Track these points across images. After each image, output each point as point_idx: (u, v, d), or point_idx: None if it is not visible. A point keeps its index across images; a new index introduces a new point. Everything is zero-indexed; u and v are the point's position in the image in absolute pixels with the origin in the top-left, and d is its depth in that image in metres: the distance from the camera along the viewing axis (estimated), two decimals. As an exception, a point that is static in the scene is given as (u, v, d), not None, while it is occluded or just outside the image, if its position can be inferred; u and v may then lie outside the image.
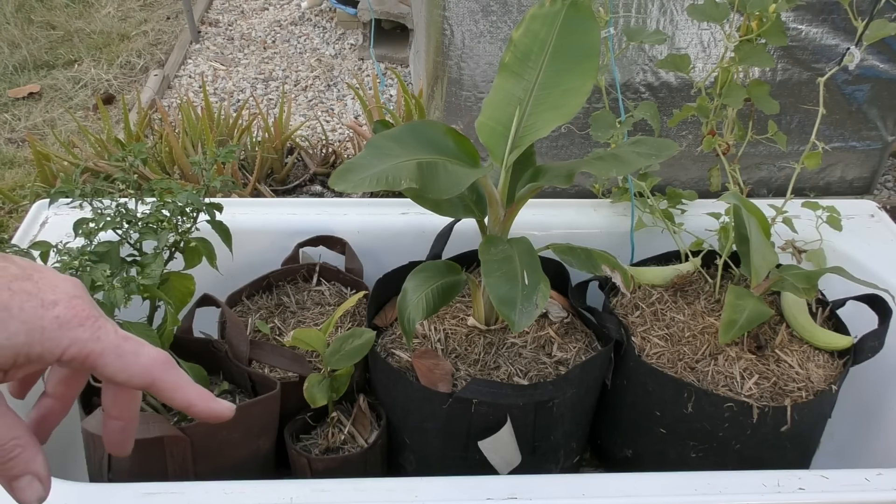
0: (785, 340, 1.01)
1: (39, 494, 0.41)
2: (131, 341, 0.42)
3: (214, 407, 0.44)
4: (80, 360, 0.40)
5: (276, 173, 1.86)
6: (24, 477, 0.41)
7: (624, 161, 0.87)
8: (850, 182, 1.63)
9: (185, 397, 0.43)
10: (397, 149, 0.81)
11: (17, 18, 2.85)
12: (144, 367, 0.42)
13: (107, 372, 0.41)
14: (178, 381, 0.43)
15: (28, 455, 0.41)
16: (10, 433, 0.41)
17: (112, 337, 0.41)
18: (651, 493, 0.81)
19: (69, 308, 0.40)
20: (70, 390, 0.46)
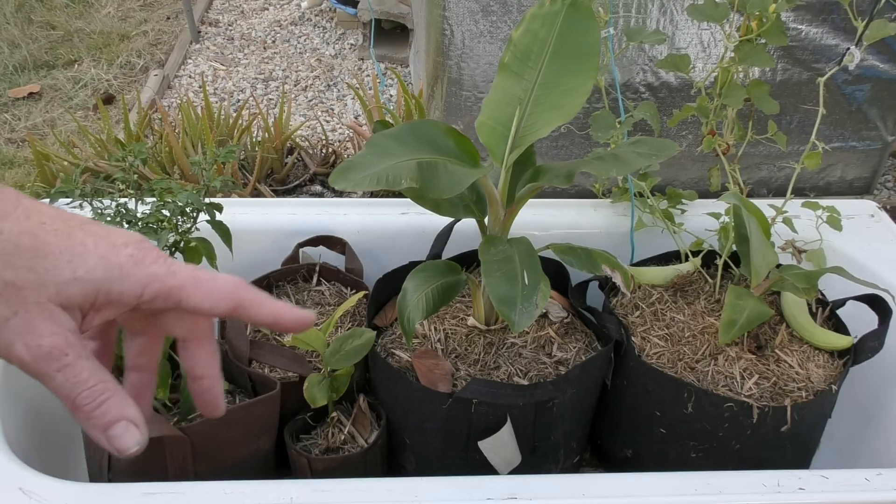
0: (785, 340, 1.01)
1: (137, 439, 0.40)
2: (204, 271, 0.41)
3: (300, 314, 0.43)
4: (163, 295, 0.40)
5: (276, 173, 1.86)
6: (118, 423, 0.39)
7: (624, 161, 0.87)
8: (850, 182, 1.63)
9: (271, 311, 0.42)
10: (397, 148, 0.81)
11: (17, 18, 2.85)
12: (227, 290, 0.41)
13: (191, 302, 0.40)
14: (259, 297, 0.42)
15: (119, 399, 0.39)
16: (98, 376, 0.39)
17: (186, 270, 0.41)
18: (651, 493, 0.81)
19: (140, 249, 0.40)
20: (151, 357, 0.45)
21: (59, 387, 0.38)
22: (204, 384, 0.45)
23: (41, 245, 0.37)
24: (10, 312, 0.37)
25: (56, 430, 1.04)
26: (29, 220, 0.38)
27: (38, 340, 0.37)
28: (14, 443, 0.88)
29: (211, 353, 0.44)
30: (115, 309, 0.40)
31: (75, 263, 0.38)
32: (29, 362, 0.37)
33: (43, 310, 0.37)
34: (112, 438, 0.39)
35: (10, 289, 0.37)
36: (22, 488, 0.79)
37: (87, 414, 0.39)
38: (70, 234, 0.38)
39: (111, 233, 0.40)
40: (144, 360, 0.45)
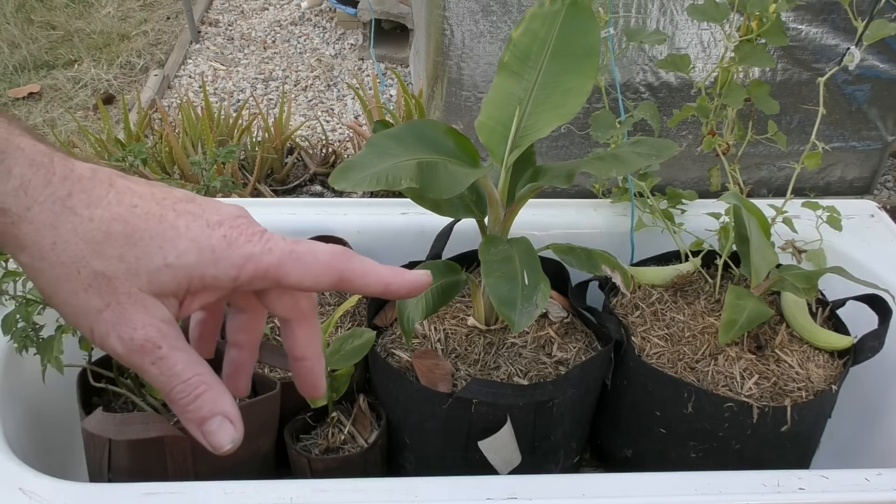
0: (785, 340, 1.01)
1: (232, 436, 0.38)
2: (302, 243, 0.39)
3: (411, 278, 0.40)
4: (260, 276, 0.38)
5: (276, 173, 1.86)
6: (213, 418, 0.38)
7: (624, 161, 0.87)
8: (850, 182, 1.63)
9: (380, 279, 0.40)
10: (397, 148, 0.81)
11: (17, 18, 2.85)
12: (327, 263, 0.39)
13: (291, 280, 0.38)
14: (364, 266, 0.40)
15: (214, 393, 0.38)
16: (193, 368, 0.37)
17: (283, 244, 0.38)
18: (651, 493, 0.81)
19: (234, 227, 0.38)
20: (252, 335, 0.44)
21: (153, 379, 0.37)
22: (305, 365, 0.43)
23: (131, 231, 0.36)
24: (103, 304, 0.36)
25: (56, 430, 1.04)
26: (120, 205, 0.36)
27: (132, 333, 0.36)
28: (14, 443, 0.88)
29: (313, 333, 0.43)
30: (213, 293, 0.38)
31: (166, 249, 0.36)
32: (123, 355, 0.36)
33: (135, 300, 0.36)
34: (207, 434, 0.38)
35: (100, 279, 0.35)
36: (22, 488, 0.79)
37: (183, 408, 0.37)
38: (162, 216, 0.37)
39: (207, 210, 0.38)
40: (244, 337, 0.43)
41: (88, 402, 0.98)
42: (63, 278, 0.36)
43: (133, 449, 0.91)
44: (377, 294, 0.40)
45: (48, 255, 0.35)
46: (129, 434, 0.90)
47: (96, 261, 0.35)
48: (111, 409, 0.99)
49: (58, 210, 0.35)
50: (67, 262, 0.35)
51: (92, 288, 0.36)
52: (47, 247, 0.35)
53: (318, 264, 0.38)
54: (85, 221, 0.35)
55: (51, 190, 0.35)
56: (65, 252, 0.35)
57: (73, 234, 0.35)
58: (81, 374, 0.98)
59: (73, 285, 0.36)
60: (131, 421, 0.91)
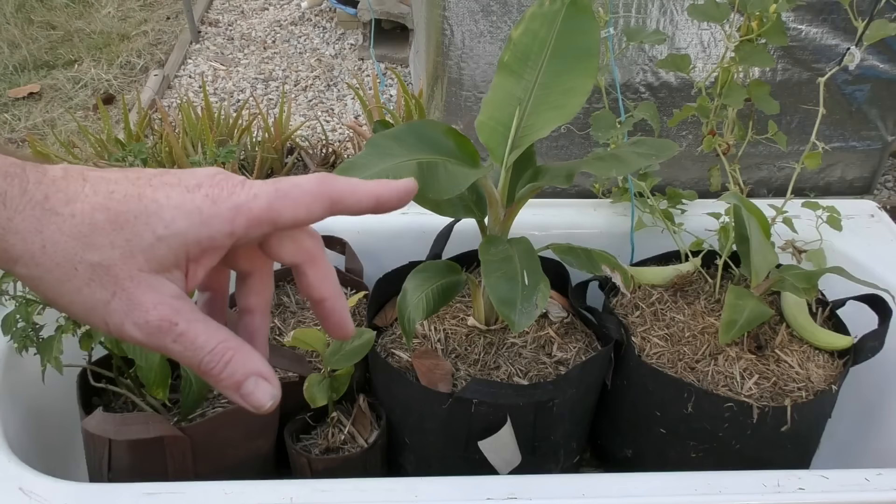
0: (785, 340, 1.01)
1: (271, 392, 0.38)
2: (284, 181, 0.38)
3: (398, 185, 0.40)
4: (254, 223, 0.37)
5: (276, 173, 1.86)
6: (248, 380, 0.37)
7: (624, 161, 0.87)
8: (850, 182, 1.63)
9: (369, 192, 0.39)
10: (398, 148, 0.81)
11: (17, 18, 2.85)
12: (314, 191, 0.38)
13: (286, 217, 0.38)
14: (350, 183, 0.39)
15: (243, 356, 0.38)
16: (216, 336, 0.37)
17: (266, 187, 0.38)
18: (651, 493, 0.81)
19: (213, 185, 0.37)
20: (262, 297, 0.43)
21: (179, 357, 0.37)
22: (327, 306, 0.42)
23: (115, 217, 0.36)
24: (109, 294, 0.36)
25: (56, 430, 1.04)
26: (97, 195, 0.36)
27: (145, 316, 0.36)
28: (14, 443, 0.88)
29: (325, 272, 0.42)
30: (215, 254, 0.38)
31: (153, 224, 0.36)
32: (142, 339, 0.36)
33: (139, 283, 0.36)
34: (246, 396, 0.38)
35: (99, 270, 0.35)
36: (22, 488, 0.79)
37: (216, 377, 0.37)
38: (140, 194, 0.36)
39: (183, 178, 0.38)
40: (255, 300, 0.43)
41: (88, 402, 0.98)
42: (63, 279, 0.36)
43: (133, 449, 0.91)
44: (369, 209, 0.40)
45: (41, 261, 0.35)
46: (129, 434, 0.90)
47: (89, 253, 0.35)
48: (111, 409, 0.99)
49: (39, 214, 0.35)
50: (62, 263, 0.35)
51: (94, 281, 0.35)
52: (38, 252, 0.35)
53: (305, 196, 0.38)
54: (67, 218, 0.35)
55: (28, 197, 0.35)
56: (56, 253, 0.35)
57: (60, 233, 0.35)
58: (81, 374, 0.98)
59: (75, 283, 0.36)
60: (131, 421, 0.91)
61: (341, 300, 0.43)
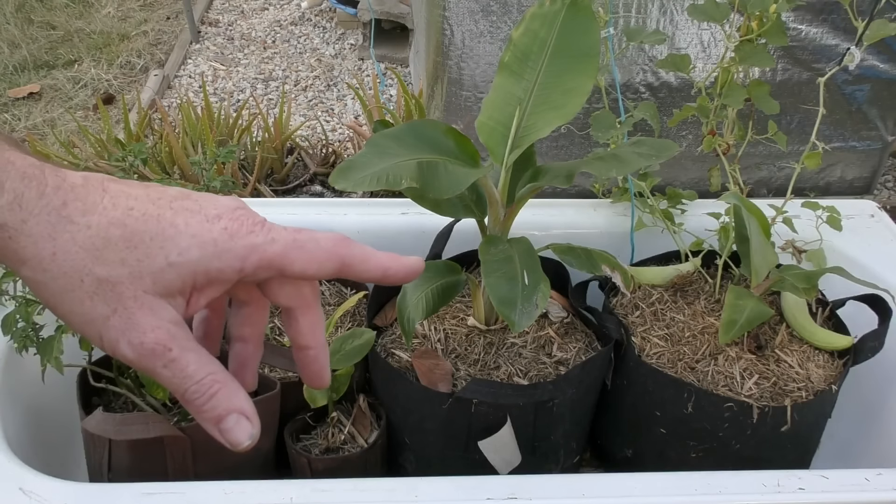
0: (785, 340, 1.01)
1: (250, 432, 0.38)
2: (304, 232, 0.39)
3: (407, 263, 0.42)
4: (265, 266, 0.38)
5: (276, 173, 1.86)
6: (230, 416, 0.37)
7: (624, 161, 0.87)
8: (850, 182, 1.63)
9: (379, 264, 0.41)
10: (398, 148, 0.81)
11: (17, 18, 2.85)
12: (329, 250, 0.40)
13: (296, 268, 0.38)
14: (364, 252, 0.41)
15: (228, 391, 0.38)
16: (206, 368, 0.37)
17: (285, 234, 0.39)
18: (651, 493, 0.81)
19: (234, 219, 0.38)
20: (256, 328, 0.44)
21: (166, 382, 0.37)
22: (310, 354, 0.43)
23: (130, 234, 0.36)
24: (110, 310, 0.36)
25: (56, 430, 1.04)
26: (116, 209, 0.36)
27: (141, 337, 0.36)
28: (14, 443, 0.88)
29: (316, 321, 0.43)
30: (219, 287, 0.38)
31: (167, 248, 0.36)
32: (134, 360, 0.36)
33: (142, 304, 0.36)
34: (224, 432, 0.38)
35: (104, 286, 0.35)
36: (22, 488, 0.79)
37: (199, 408, 0.37)
38: (159, 216, 0.36)
39: (204, 206, 0.38)
40: (249, 330, 0.43)
41: (88, 402, 0.98)
42: (67, 288, 0.35)
43: (133, 449, 0.91)
44: (376, 279, 0.41)
45: (49, 267, 0.35)
46: (129, 434, 0.90)
47: (98, 267, 0.35)
48: (111, 409, 0.99)
49: (54, 220, 0.35)
50: (69, 272, 0.35)
51: (97, 295, 0.35)
52: (47, 258, 0.35)
53: (320, 252, 0.39)
54: (83, 229, 0.35)
55: (45, 201, 0.35)
56: (66, 262, 0.35)
57: (72, 243, 0.35)
58: (81, 374, 0.98)
59: (78, 294, 0.35)
60: (131, 421, 0.91)
61: (325, 352, 0.44)
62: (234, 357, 0.44)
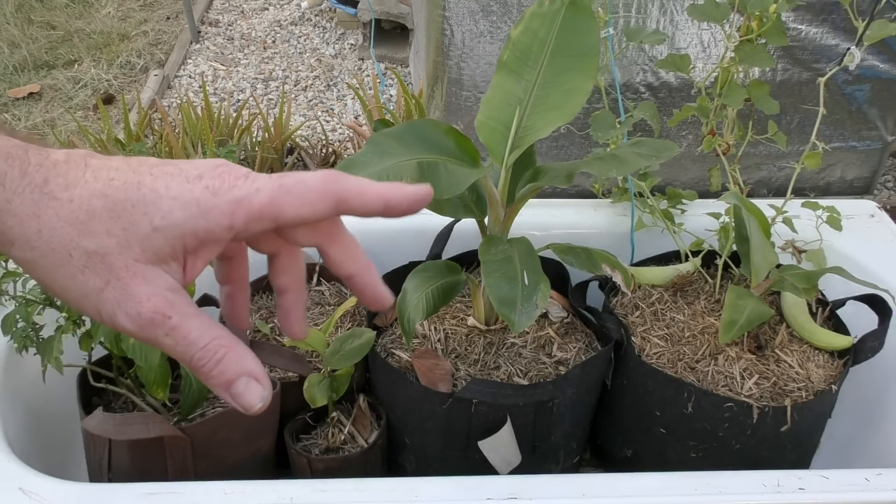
0: (785, 340, 1.01)
1: (261, 394, 0.37)
2: (290, 175, 0.37)
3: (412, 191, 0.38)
4: (255, 217, 0.36)
5: (276, 173, 1.86)
6: (239, 380, 0.37)
7: (624, 161, 0.87)
8: (850, 182, 1.63)
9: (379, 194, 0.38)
10: (398, 147, 0.81)
11: (17, 18, 2.85)
12: (320, 189, 0.37)
13: (288, 214, 0.36)
14: (360, 183, 0.37)
15: (236, 354, 0.37)
16: (209, 333, 0.36)
17: (270, 181, 0.36)
18: (651, 493, 0.81)
19: (215, 177, 0.36)
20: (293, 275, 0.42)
21: (170, 350, 0.36)
22: (357, 281, 0.42)
23: (113, 204, 0.35)
24: (103, 282, 0.35)
25: (56, 430, 1.04)
26: (97, 181, 0.35)
27: (137, 307, 0.35)
28: (14, 443, 0.88)
29: (347, 248, 0.40)
30: (215, 246, 0.37)
31: (150, 213, 0.35)
32: (134, 331, 0.35)
33: (134, 273, 0.35)
34: (235, 396, 0.37)
35: (94, 258, 0.35)
36: (22, 488, 0.79)
37: (207, 374, 0.36)
38: (140, 182, 0.36)
39: (185, 168, 0.37)
40: (286, 278, 0.42)
41: (88, 402, 0.98)
42: (57, 264, 0.35)
43: (133, 449, 0.91)
44: (377, 212, 0.38)
45: (37, 245, 0.35)
46: (129, 434, 0.90)
47: (85, 240, 0.35)
48: (111, 409, 0.99)
49: (37, 197, 0.35)
50: (57, 248, 0.35)
51: (88, 269, 0.35)
52: (34, 236, 0.35)
53: (310, 192, 0.37)
54: (65, 204, 0.35)
55: (28, 179, 0.35)
56: (52, 238, 0.35)
57: (57, 218, 0.35)
58: (81, 374, 0.98)
59: (69, 269, 0.35)
60: (131, 421, 0.91)
61: (370, 272, 0.42)
62: (280, 308, 0.42)
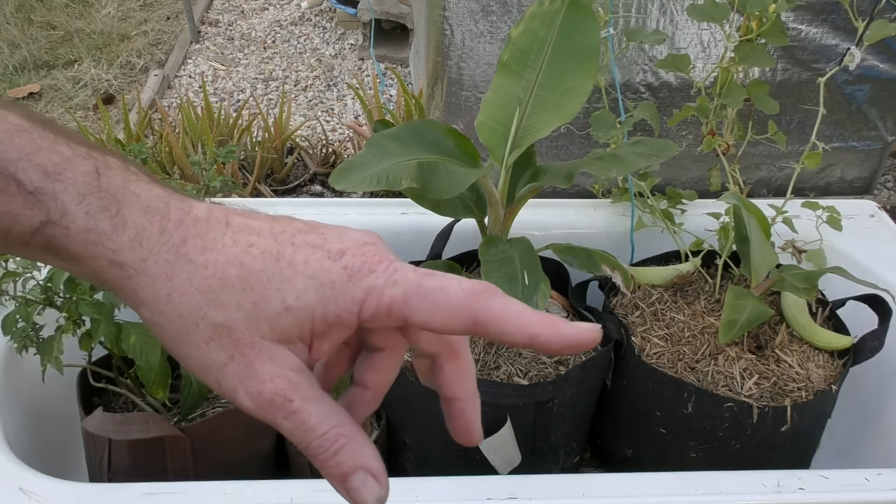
0: (785, 340, 1.01)
1: (378, 494, 0.34)
2: (435, 277, 0.33)
3: (566, 332, 0.33)
4: (382, 312, 0.33)
5: (276, 173, 1.86)
6: (356, 474, 0.34)
7: (624, 161, 0.87)
8: (850, 182, 1.63)
9: (523, 329, 0.33)
10: (398, 148, 0.81)
11: (18, 18, 2.86)
12: (460, 304, 0.33)
13: (417, 319, 0.33)
14: (506, 310, 0.33)
15: (355, 446, 0.34)
16: (330, 420, 0.34)
17: (412, 276, 0.33)
18: (651, 493, 0.81)
19: (357, 255, 0.34)
20: (382, 376, 0.39)
21: (289, 434, 0.34)
22: (457, 406, 0.38)
23: (247, 275, 0.33)
24: (227, 357, 0.33)
25: (56, 430, 1.04)
26: (235, 246, 0.34)
27: (259, 387, 0.33)
28: (14, 443, 0.88)
29: (464, 370, 0.38)
30: (341, 332, 0.34)
31: (284, 291, 0.33)
32: (253, 410, 0.34)
33: (259, 351, 0.33)
34: (350, 491, 0.34)
35: (220, 331, 0.33)
36: (22, 488, 0.79)
37: (323, 463, 0.34)
38: (279, 253, 0.34)
39: (328, 239, 0.34)
40: (373, 376, 0.39)
41: (88, 402, 0.98)
42: (183, 332, 0.34)
43: (133, 449, 0.91)
44: (520, 344, 0.34)
45: (165, 309, 0.33)
46: (130, 434, 0.90)
47: (214, 311, 0.33)
48: (111, 409, 0.99)
49: (172, 259, 0.33)
50: (185, 315, 0.33)
51: (213, 340, 0.33)
52: (163, 300, 0.33)
53: (448, 304, 0.33)
54: (200, 269, 0.33)
55: (165, 238, 0.33)
56: (181, 304, 0.33)
57: (189, 284, 0.33)
58: (81, 374, 0.98)
59: (194, 338, 0.33)
60: (131, 421, 0.91)
61: (475, 403, 0.38)
62: (347, 396, 0.39)
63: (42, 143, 0.32)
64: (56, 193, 0.32)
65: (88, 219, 0.32)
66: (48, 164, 0.32)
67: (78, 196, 0.32)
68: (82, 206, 0.32)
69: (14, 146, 0.32)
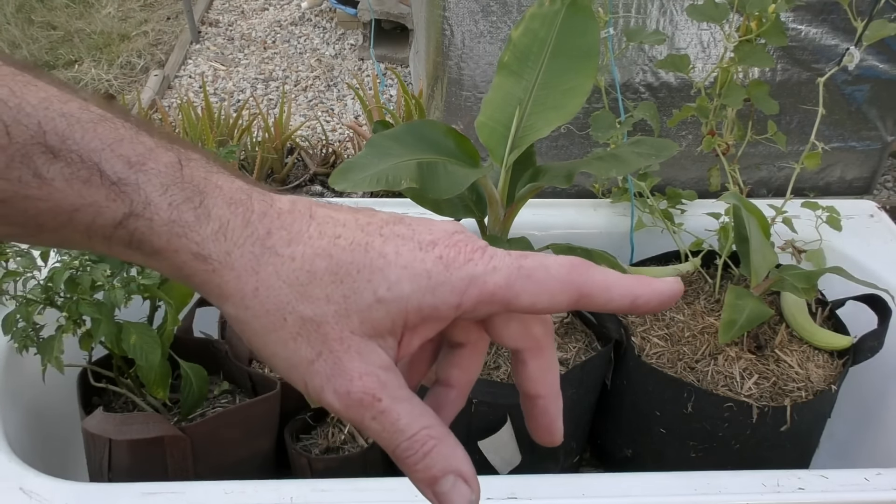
0: (785, 340, 1.01)
1: (469, 498, 0.33)
2: (531, 257, 0.33)
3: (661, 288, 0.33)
4: (486, 300, 0.32)
5: (276, 173, 1.86)
6: (446, 478, 0.33)
7: (624, 161, 0.87)
8: (850, 182, 1.63)
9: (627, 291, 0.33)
10: (397, 148, 0.81)
11: (18, 18, 2.86)
12: (563, 279, 0.32)
13: (523, 301, 0.32)
14: (606, 278, 0.33)
15: (446, 448, 0.33)
16: (419, 421, 0.33)
17: (509, 260, 0.32)
18: (651, 493, 0.81)
19: (449, 246, 0.33)
20: (467, 373, 0.37)
21: (375, 435, 0.33)
22: (539, 404, 0.37)
23: (336, 267, 0.32)
24: (314, 353, 0.32)
25: (56, 430, 1.04)
26: (322, 238, 0.33)
27: (347, 386, 0.32)
28: (14, 443, 0.88)
29: (549, 365, 0.36)
30: (434, 325, 0.33)
31: (376, 282, 0.32)
32: (340, 410, 0.32)
33: (348, 346, 0.32)
34: (439, 496, 0.33)
35: (309, 325, 0.32)
36: (22, 488, 0.79)
37: (411, 466, 0.33)
38: (368, 244, 0.33)
39: (417, 230, 0.34)
40: (457, 373, 0.37)
41: (88, 402, 0.98)
42: (270, 328, 0.32)
43: (133, 449, 0.91)
44: (622, 310, 0.34)
45: (251, 304, 0.32)
46: (130, 434, 0.90)
47: (302, 305, 0.32)
48: (111, 409, 0.99)
49: (258, 252, 0.32)
50: (272, 310, 0.32)
51: (301, 336, 0.32)
52: (250, 294, 0.32)
53: (551, 281, 0.32)
54: (287, 261, 0.32)
55: (250, 230, 0.32)
56: (268, 298, 0.32)
57: (276, 277, 0.32)
58: (81, 374, 0.98)
59: (281, 334, 0.32)
60: (131, 421, 0.91)
61: (557, 402, 0.37)
62: (432, 397, 0.37)
63: (125, 133, 0.31)
64: (139, 184, 0.31)
65: (172, 210, 0.31)
66: (131, 154, 0.31)
67: (161, 187, 0.31)
68: (165, 198, 0.31)
69: (98, 135, 0.30)
